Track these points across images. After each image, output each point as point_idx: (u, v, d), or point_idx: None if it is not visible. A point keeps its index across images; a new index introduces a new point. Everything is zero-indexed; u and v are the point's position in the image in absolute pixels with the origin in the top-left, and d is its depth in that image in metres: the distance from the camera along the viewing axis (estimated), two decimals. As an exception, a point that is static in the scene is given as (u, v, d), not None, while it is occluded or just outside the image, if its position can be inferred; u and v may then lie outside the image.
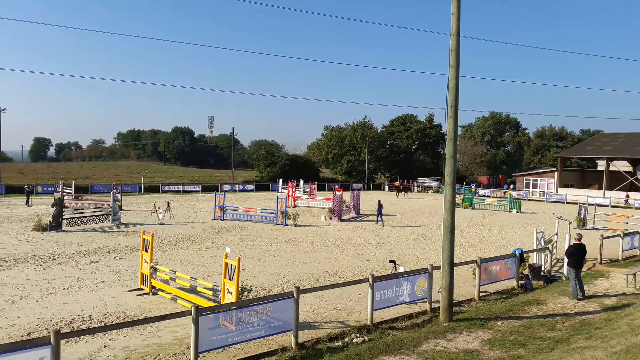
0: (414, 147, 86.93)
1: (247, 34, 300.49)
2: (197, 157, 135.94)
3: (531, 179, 61.28)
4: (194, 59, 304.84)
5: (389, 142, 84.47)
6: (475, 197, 44.75)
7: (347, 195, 34.18)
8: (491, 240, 22.70)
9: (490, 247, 20.73)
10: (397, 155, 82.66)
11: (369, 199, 46.63)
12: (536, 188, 59.56)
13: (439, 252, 11.62)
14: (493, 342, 8.87)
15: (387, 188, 69.39)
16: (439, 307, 10.64)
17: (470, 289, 13.05)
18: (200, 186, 58.75)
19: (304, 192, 43.76)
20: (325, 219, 29.01)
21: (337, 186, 51.24)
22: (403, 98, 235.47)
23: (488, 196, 50.40)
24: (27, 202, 35.58)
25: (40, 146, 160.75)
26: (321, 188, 58.40)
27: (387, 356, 8.13)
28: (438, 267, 10.99)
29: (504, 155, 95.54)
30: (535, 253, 15.74)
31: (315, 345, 8.90)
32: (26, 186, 39.96)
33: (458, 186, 49.92)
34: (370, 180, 75.85)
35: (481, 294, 12.60)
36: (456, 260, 11.18)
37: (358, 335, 9.43)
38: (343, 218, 29.20)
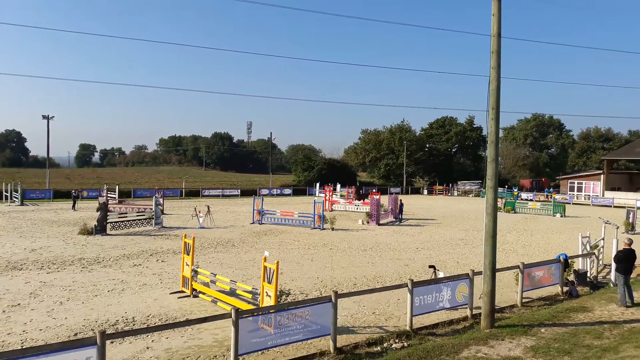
0: (453, 150, 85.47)
1: (284, 38, 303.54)
2: (236, 162, 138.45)
3: (576, 182, 59.13)
4: (232, 65, 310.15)
5: (427, 145, 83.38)
6: (517, 201, 43.57)
7: (384, 200, 33.90)
8: (534, 245, 22.01)
9: (533, 252, 20.09)
10: (436, 159, 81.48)
11: (407, 203, 46.12)
12: (581, 191, 57.40)
13: (480, 257, 11.36)
14: (536, 350, 8.59)
15: (426, 192, 68.50)
16: (480, 314, 10.38)
17: (512, 295, 12.68)
18: (239, 190, 59.70)
19: (341, 196, 43.71)
20: (363, 223, 28.88)
21: (374, 190, 50.90)
22: (442, 100, 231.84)
23: (531, 200, 48.95)
24: (73, 207, 37.08)
25: (85, 152, 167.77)
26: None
27: (426, 363, 7.99)
28: (479, 273, 10.74)
29: (547, 157, 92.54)
30: (580, 258, 15.16)
31: (354, 350, 8.85)
32: (73, 191, 41.64)
33: (500, 190, 48.75)
34: (409, 184, 75.02)
35: (524, 300, 12.23)
36: (498, 266, 10.90)
37: (397, 340, 9.31)
38: (381, 222, 28.98)
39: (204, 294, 11.98)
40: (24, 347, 8.07)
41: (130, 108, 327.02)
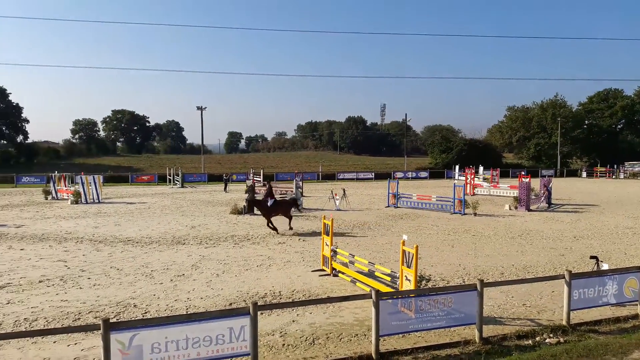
0: (619, 126, 75.44)
1: (417, 12, 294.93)
2: (370, 145, 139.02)
3: None
4: (365, 48, 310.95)
5: (586, 121, 74.81)
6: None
7: (535, 183, 31.26)
8: None
9: None
10: (597, 137, 72.75)
11: (561, 187, 42.14)
12: None
13: (657, 248, 9.80)
14: None
15: (584, 174, 61.79)
16: (655, 312, 8.98)
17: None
18: (373, 174, 60.12)
19: (484, 179, 41.42)
20: (510, 209, 26.96)
21: (523, 172, 47.26)
22: (605, 71, 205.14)
23: None
24: (225, 189, 40.78)
25: (233, 139, 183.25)
26: (504, 175, 54.73)
27: (589, 362, 7.14)
28: (655, 266, 9.28)
29: None
30: None
31: (502, 342, 8.27)
32: (224, 175, 45.78)
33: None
34: (564, 165, 68.29)
35: None
36: (681, 259, 9.28)
37: (552, 335, 8.50)
38: (531, 208, 26.78)
39: (343, 273, 12.20)
40: (189, 313, 9.00)
41: (272, 97, 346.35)
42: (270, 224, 18.91)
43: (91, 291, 11.12)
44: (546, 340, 8.32)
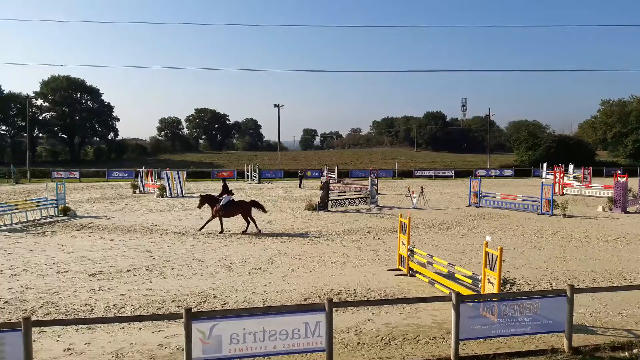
0: None
1: (500, 4, 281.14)
2: (449, 142, 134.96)
3: None
4: (443, 41, 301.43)
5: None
6: None
7: (633, 182, 28.71)
8: None
9: None
10: None
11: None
12: None
13: None
14: None
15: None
16: None
17: None
18: (452, 171, 58.39)
19: (575, 178, 38.79)
20: (604, 210, 25.02)
21: (619, 171, 43.68)
22: None
23: None
24: (300, 185, 41.39)
25: (308, 136, 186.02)
26: (597, 173, 50.98)
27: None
28: None
29: None
30: None
31: (594, 352, 7.65)
32: (299, 171, 46.54)
33: None
34: (667, 164, 62.20)
35: None
36: None
37: (652, 349, 7.73)
38: (628, 210, 24.63)
39: (420, 274, 11.88)
40: (266, 306, 9.17)
41: (346, 93, 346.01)
42: (210, 220, 18.44)
43: (174, 281, 11.69)
44: (646, 354, 7.61)
